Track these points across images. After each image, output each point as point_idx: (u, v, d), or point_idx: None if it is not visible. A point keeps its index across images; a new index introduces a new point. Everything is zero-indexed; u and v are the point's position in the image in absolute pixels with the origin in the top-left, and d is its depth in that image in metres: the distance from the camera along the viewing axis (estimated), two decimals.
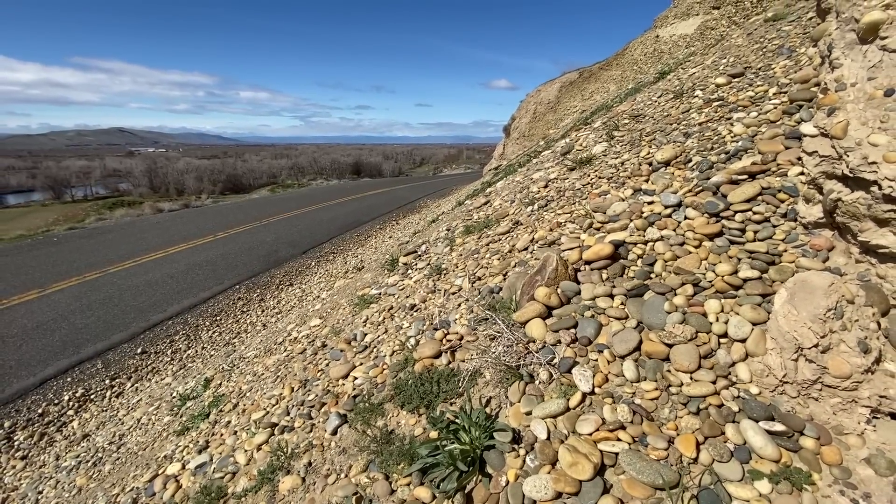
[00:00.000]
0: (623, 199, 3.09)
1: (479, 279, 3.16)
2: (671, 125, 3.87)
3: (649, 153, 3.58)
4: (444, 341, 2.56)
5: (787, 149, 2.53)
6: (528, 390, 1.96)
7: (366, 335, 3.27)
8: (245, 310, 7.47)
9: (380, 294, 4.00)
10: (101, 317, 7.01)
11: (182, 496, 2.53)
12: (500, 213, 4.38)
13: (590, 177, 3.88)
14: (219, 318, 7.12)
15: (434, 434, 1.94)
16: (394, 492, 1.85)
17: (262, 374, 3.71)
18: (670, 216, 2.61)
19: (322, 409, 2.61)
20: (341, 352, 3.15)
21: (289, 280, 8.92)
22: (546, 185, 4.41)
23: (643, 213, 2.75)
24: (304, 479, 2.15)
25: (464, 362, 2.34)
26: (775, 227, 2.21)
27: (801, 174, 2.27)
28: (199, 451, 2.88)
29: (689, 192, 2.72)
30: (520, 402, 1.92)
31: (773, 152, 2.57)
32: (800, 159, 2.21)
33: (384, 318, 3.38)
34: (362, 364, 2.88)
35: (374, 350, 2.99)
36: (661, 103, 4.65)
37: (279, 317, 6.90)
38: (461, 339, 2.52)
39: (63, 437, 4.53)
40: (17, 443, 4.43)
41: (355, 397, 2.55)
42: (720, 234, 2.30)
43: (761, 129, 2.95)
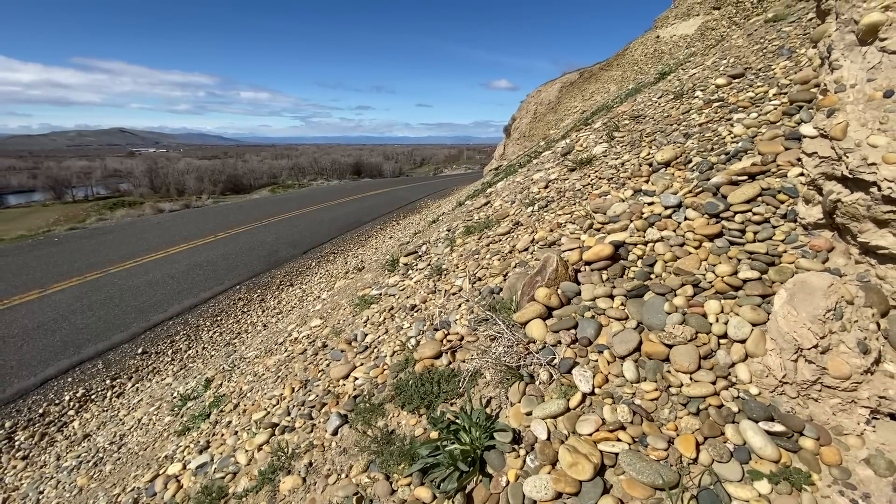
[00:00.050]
0: (623, 200, 3.09)
1: (480, 280, 3.16)
2: (671, 126, 3.87)
3: (649, 154, 3.58)
4: (445, 342, 2.56)
5: (787, 150, 2.54)
6: (528, 391, 1.96)
7: (366, 335, 3.27)
8: (246, 310, 7.48)
9: (380, 294, 4.00)
10: (102, 317, 7.03)
11: (183, 496, 2.54)
12: (501, 214, 4.39)
13: (590, 177, 3.88)
14: (219, 319, 7.13)
15: (434, 434, 1.94)
16: (394, 492, 1.85)
17: (263, 374, 3.72)
18: (670, 217, 2.62)
19: (323, 410, 2.61)
20: (342, 352, 3.16)
21: (289, 280, 8.93)
22: (546, 186, 4.41)
23: (643, 213, 2.76)
24: (304, 480, 2.16)
25: (464, 363, 2.35)
26: (775, 227, 2.21)
27: (801, 175, 2.28)
28: (200, 452, 2.89)
29: (690, 192, 2.72)
30: (520, 402, 1.93)
31: (773, 153, 2.57)
32: (799, 160, 2.21)
33: (385, 319, 3.38)
34: (363, 364, 2.88)
35: (375, 350, 3.00)
36: (661, 104, 4.65)
37: (280, 317, 6.91)
38: (461, 339, 2.52)
39: (64, 437, 4.54)
40: (17, 443, 4.44)
41: (356, 398, 2.55)
42: (720, 235, 2.31)
43: (761, 129, 2.95)
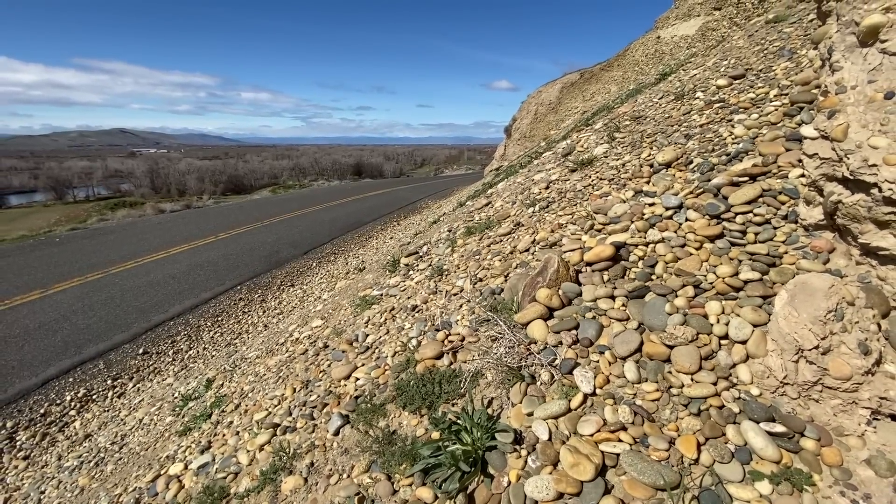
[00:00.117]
0: (624, 201, 3.09)
1: (481, 280, 3.17)
2: (672, 127, 3.87)
3: (650, 155, 3.58)
4: (446, 342, 2.56)
5: (788, 151, 2.54)
6: (529, 391, 1.97)
7: (367, 336, 3.28)
8: (246, 310, 7.49)
9: (381, 295, 4.01)
10: (103, 317, 7.04)
11: (185, 496, 2.54)
12: (502, 215, 4.39)
13: (591, 178, 3.88)
14: (220, 319, 7.14)
15: (436, 435, 1.95)
16: (396, 492, 1.86)
17: (264, 374, 3.72)
18: (671, 218, 2.62)
19: (324, 410, 2.61)
20: (343, 352, 3.16)
21: (290, 281, 8.94)
22: (547, 187, 4.41)
23: (644, 214, 2.76)
24: (306, 480, 2.16)
25: (465, 363, 2.35)
26: (776, 228, 2.21)
27: (802, 176, 2.28)
28: (202, 452, 2.90)
29: (690, 193, 2.72)
30: (521, 402, 1.93)
31: (774, 154, 2.57)
32: (800, 161, 2.21)
33: (386, 319, 3.39)
34: (364, 365, 2.89)
35: (376, 351, 3.00)
36: (662, 105, 4.66)
37: (281, 317, 6.91)
38: (463, 340, 2.53)
39: (65, 437, 4.55)
40: (19, 443, 4.45)
41: (357, 398, 2.56)
42: (721, 236, 2.31)
43: (762, 131, 2.95)
